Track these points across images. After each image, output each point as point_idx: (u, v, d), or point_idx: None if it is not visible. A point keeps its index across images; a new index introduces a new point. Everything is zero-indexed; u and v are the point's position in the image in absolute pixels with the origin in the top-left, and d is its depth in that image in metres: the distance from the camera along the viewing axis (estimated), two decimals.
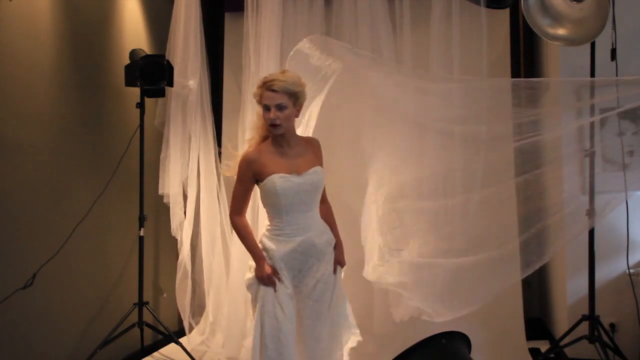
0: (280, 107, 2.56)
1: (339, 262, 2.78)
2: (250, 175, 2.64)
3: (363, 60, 3.52)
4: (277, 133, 2.62)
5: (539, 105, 3.15)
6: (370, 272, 3.24)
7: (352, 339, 2.85)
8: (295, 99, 2.60)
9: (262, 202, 2.75)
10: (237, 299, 4.03)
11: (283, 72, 2.67)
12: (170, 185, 4.26)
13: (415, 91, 3.51)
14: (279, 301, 2.59)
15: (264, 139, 2.70)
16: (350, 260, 2.93)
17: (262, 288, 2.61)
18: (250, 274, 2.67)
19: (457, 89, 3.58)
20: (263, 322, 2.57)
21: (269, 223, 2.72)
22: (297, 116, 2.68)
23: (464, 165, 3.51)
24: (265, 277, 2.60)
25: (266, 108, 2.58)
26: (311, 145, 2.78)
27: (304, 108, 2.79)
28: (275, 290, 2.60)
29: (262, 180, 2.62)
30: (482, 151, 3.36)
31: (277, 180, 2.59)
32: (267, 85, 2.58)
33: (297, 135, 2.78)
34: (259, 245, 2.69)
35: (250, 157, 2.64)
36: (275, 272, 2.62)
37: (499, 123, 3.28)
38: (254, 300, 2.66)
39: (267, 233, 2.70)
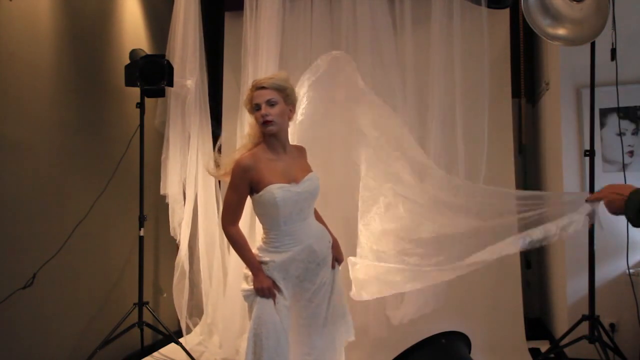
0: (270, 103, 2.52)
1: (337, 258, 2.73)
2: (246, 183, 2.52)
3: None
4: (270, 131, 2.54)
5: None
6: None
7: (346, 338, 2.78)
8: (286, 95, 2.57)
9: (256, 213, 2.63)
10: (234, 300, 4.01)
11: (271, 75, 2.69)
12: (170, 184, 4.26)
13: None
14: (277, 313, 2.49)
15: (256, 145, 2.62)
16: (343, 264, 2.86)
17: (260, 299, 2.49)
18: (246, 285, 2.57)
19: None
20: (260, 334, 2.45)
21: (264, 235, 2.61)
22: (291, 118, 2.64)
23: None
24: (266, 289, 2.49)
25: (257, 107, 2.55)
26: (300, 152, 2.74)
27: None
28: (275, 303, 2.50)
29: (258, 191, 2.51)
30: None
31: (276, 191, 2.48)
32: (255, 86, 2.57)
33: (289, 142, 2.71)
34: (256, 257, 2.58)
35: (246, 163, 2.51)
36: (274, 283, 2.52)
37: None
38: (251, 312, 2.55)
39: (263, 245, 2.59)
